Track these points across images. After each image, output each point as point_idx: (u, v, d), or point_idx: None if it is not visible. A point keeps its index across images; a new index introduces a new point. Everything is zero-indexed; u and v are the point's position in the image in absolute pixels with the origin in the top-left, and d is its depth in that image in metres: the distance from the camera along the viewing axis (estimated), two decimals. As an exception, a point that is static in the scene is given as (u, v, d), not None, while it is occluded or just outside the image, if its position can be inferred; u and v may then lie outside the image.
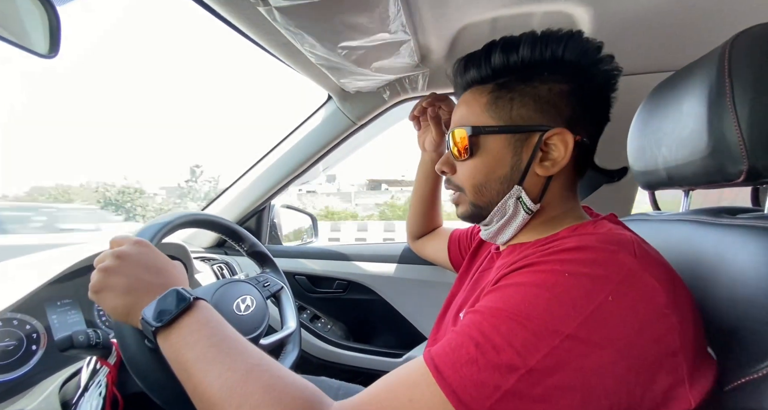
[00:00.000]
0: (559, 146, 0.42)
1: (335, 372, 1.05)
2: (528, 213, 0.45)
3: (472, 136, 0.44)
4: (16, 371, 0.60)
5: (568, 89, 0.42)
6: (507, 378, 0.29)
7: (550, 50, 0.42)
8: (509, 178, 0.44)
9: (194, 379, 0.36)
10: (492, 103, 0.44)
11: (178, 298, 0.41)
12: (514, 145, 0.43)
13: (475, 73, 0.46)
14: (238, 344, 0.38)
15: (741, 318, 0.33)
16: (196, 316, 0.40)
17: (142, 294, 0.42)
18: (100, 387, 0.53)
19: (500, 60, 0.43)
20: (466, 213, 0.48)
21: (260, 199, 1.13)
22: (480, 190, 0.46)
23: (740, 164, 0.35)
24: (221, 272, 1.03)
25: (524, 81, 0.43)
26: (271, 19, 0.56)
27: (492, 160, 0.44)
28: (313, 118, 1.03)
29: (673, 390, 0.30)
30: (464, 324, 0.34)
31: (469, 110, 0.46)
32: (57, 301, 0.70)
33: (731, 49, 0.36)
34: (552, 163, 0.43)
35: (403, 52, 0.73)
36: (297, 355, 0.71)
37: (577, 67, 0.42)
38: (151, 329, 0.39)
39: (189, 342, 0.38)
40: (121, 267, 0.44)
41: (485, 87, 0.45)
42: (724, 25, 0.66)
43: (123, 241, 0.47)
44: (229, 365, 0.35)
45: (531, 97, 0.42)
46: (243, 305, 0.63)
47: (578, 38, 0.42)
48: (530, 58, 0.42)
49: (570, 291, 0.31)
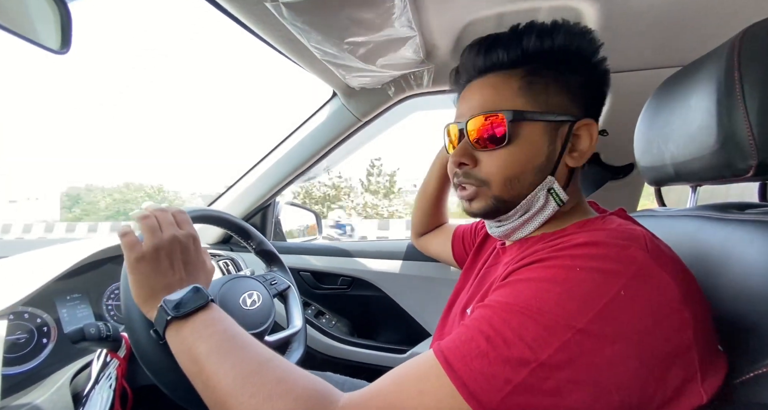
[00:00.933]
0: (585, 137, 0.42)
1: (340, 368, 1.06)
2: (559, 205, 0.43)
3: (513, 120, 0.41)
4: (28, 363, 0.61)
5: (586, 82, 0.43)
6: (518, 372, 0.29)
7: (583, 41, 0.42)
8: (544, 168, 0.42)
9: (207, 371, 0.36)
10: (526, 89, 0.42)
11: (198, 295, 0.42)
12: (549, 133, 0.42)
13: (504, 55, 0.43)
14: (251, 341, 0.39)
15: (749, 313, 0.33)
16: (211, 314, 0.42)
17: (171, 283, 0.44)
18: (111, 380, 0.54)
19: (535, 44, 0.42)
20: (485, 208, 0.44)
21: (265, 196, 1.13)
22: (512, 181, 0.42)
23: (749, 159, 0.35)
24: (227, 268, 1.04)
25: (555, 69, 0.42)
26: (278, 14, 0.57)
27: (530, 149, 0.42)
28: (318, 114, 1.03)
29: (686, 385, 0.30)
30: (474, 318, 0.34)
31: (497, 94, 0.42)
32: (67, 295, 0.71)
33: (741, 43, 0.36)
34: (579, 154, 0.43)
35: (408, 48, 0.73)
36: (302, 353, 0.71)
37: (590, 62, 0.43)
38: (166, 317, 0.40)
39: (203, 335, 0.39)
40: (173, 250, 0.45)
41: (515, 71, 0.42)
42: (731, 20, 0.66)
43: (182, 221, 0.49)
44: (242, 357, 0.36)
45: (564, 86, 0.42)
46: (249, 300, 0.64)
47: (590, 34, 0.43)
48: (566, 46, 0.42)
49: (581, 285, 0.31)
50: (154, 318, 0.43)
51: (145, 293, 0.44)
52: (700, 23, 0.69)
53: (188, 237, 0.48)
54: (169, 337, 0.41)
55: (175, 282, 0.44)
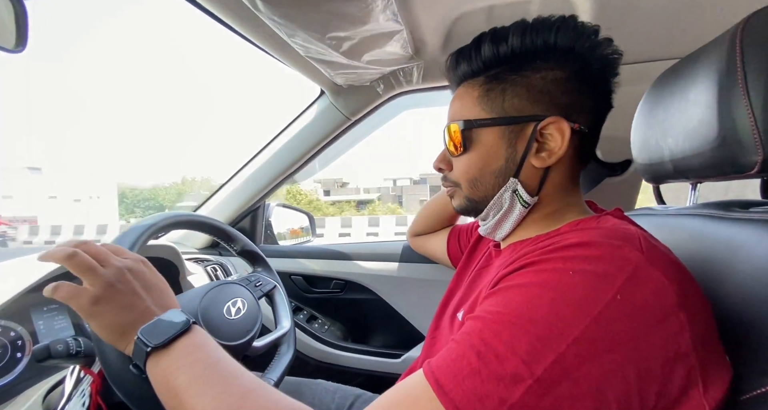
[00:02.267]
0: (556, 136, 0.40)
1: (333, 374, 1.04)
2: (524, 206, 0.43)
3: (465, 130, 0.44)
4: (0, 379, 0.58)
5: (564, 76, 0.40)
6: (512, 391, 0.27)
7: (541, 38, 0.40)
8: (504, 170, 0.43)
9: (186, 405, 0.34)
10: (484, 96, 0.43)
11: (177, 318, 0.40)
12: (508, 136, 0.42)
13: (466, 66, 0.45)
14: (234, 368, 0.37)
15: (756, 319, 0.31)
16: (192, 339, 0.39)
17: (142, 313, 0.40)
18: (84, 397, 0.51)
19: (490, 51, 0.42)
20: (461, 206, 0.48)
21: (254, 199, 1.10)
22: (475, 184, 0.45)
23: (754, 154, 0.33)
24: (215, 273, 1.01)
25: (516, 71, 0.42)
26: (253, 8, 0.54)
27: (486, 153, 0.43)
28: (306, 114, 1.00)
29: (687, 394, 0.29)
30: (464, 332, 0.32)
31: (462, 105, 0.45)
32: (44, 307, 0.68)
33: (743, 30, 0.33)
34: (549, 153, 0.41)
35: (395, 43, 0.70)
36: (292, 356, 0.69)
37: (572, 53, 0.41)
38: (146, 349, 0.37)
39: (183, 364, 0.36)
40: (124, 282, 0.41)
41: (477, 80, 0.44)
42: (730, 9, 0.63)
43: (119, 252, 0.44)
44: (223, 389, 0.34)
45: (523, 87, 0.41)
46: (234, 309, 0.61)
47: (572, 23, 0.40)
48: (520, 47, 0.41)
49: (575, 290, 0.30)
50: (132, 353, 0.39)
51: (116, 332, 0.39)
52: (696, 13, 0.67)
53: (136, 262, 0.44)
54: (149, 369, 0.38)
55: (144, 310, 0.41)
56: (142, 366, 0.38)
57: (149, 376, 0.38)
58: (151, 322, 0.39)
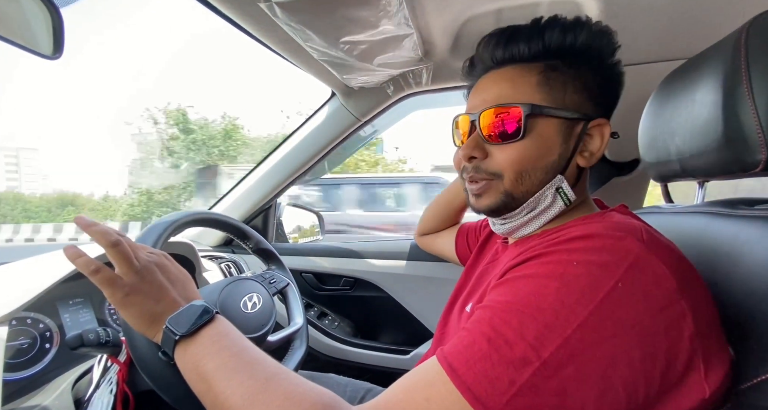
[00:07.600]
0: (597, 137, 0.42)
1: (343, 369, 1.06)
2: (567, 204, 0.42)
3: (530, 114, 0.40)
4: (31, 369, 0.61)
5: (603, 81, 0.42)
6: (521, 373, 0.29)
7: (603, 40, 0.41)
8: (555, 166, 0.41)
9: (215, 389, 0.36)
10: (544, 84, 0.41)
11: (202, 310, 0.42)
12: (564, 131, 0.41)
13: (525, 48, 0.41)
14: (257, 354, 0.39)
15: (759, 313, 0.32)
16: (217, 328, 0.41)
17: (169, 304, 0.43)
18: (111, 385, 0.54)
19: (558, 39, 0.41)
20: (494, 204, 0.43)
21: (266, 198, 1.13)
22: (522, 177, 0.41)
23: (758, 153, 0.34)
24: (229, 270, 1.04)
25: (575, 66, 0.41)
26: (271, 14, 0.56)
27: (543, 145, 0.41)
28: (317, 115, 1.02)
29: (689, 377, 0.30)
30: (475, 320, 0.34)
31: (514, 88, 0.41)
32: (69, 300, 0.71)
33: (748, 32, 0.35)
34: (590, 153, 0.42)
35: (406, 46, 0.72)
36: (305, 351, 0.71)
37: (606, 62, 0.43)
38: (174, 338, 0.40)
39: (210, 351, 0.39)
40: (153, 274, 0.43)
41: (534, 65, 0.41)
42: (736, 10, 0.64)
43: (145, 248, 0.47)
44: (250, 374, 0.36)
45: (581, 84, 0.41)
46: (250, 303, 0.64)
47: (614, 35, 0.42)
48: (587, 44, 0.41)
49: (578, 279, 0.31)
50: (160, 341, 0.42)
51: (146, 321, 0.42)
52: (703, 14, 0.67)
53: (160, 256, 0.46)
54: (177, 357, 0.40)
55: (172, 301, 0.43)
56: (171, 353, 0.41)
57: (177, 363, 0.40)
58: (177, 312, 0.42)
